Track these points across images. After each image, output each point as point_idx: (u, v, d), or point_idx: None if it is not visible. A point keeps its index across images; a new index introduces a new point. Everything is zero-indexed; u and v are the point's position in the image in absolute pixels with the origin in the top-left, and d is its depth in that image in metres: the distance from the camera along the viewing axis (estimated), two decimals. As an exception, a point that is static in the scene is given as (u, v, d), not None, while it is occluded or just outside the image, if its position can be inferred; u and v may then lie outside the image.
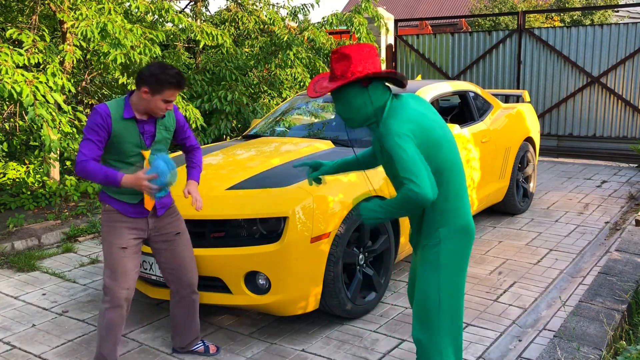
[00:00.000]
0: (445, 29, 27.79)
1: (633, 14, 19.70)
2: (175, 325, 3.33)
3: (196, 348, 3.38)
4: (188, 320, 3.30)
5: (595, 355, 2.88)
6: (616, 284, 3.74)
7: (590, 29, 8.63)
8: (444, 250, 2.42)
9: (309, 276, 3.40)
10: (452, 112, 6.25)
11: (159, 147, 3.01)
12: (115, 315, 3.00)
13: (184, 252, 3.18)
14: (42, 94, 5.11)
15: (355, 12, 8.52)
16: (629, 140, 8.55)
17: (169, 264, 3.16)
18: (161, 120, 3.00)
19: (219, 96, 7.64)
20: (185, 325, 3.31)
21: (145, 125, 2.94)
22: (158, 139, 2.99)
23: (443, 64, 9.97)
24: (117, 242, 2.97)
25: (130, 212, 2.98)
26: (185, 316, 3.28)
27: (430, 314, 2.45)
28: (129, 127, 2.90)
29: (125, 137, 2.89)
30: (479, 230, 5.61)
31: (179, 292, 3.23)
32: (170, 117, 3.06)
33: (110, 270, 2.98)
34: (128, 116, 2.88)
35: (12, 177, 6.86)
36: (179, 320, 3.30)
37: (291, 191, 3.50)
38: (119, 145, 2.90)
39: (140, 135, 2.93)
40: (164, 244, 3.13)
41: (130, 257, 2.99)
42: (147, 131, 2.95)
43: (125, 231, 2.98)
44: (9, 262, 5.02)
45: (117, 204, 2.97)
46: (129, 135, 2.90)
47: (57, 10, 6.20)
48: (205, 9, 9.34)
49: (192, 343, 3.37)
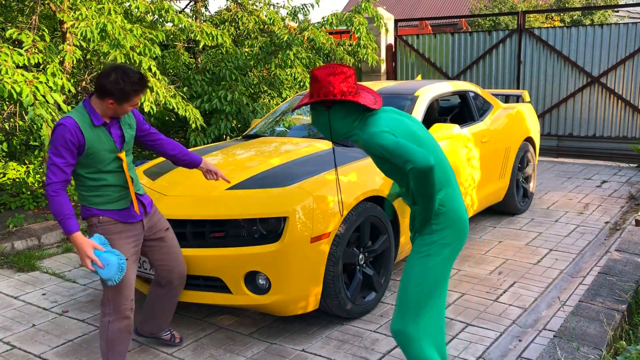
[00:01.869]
0: (445, 29, 27.80)
1: (633, 14, 19.70)
2: (153, 315, 3.36)
3: (164, 335, 3.47)
4: (167, 310, 3.36)
5: (595, 355, 2.88)
6: (616, 284, 3.74)
7: (590, 29, 8.63)
8: (436, 243, 2.49)
9: (309, 276, 3.40)
10: (452, 112, 6.25)
11: (128, 147, 2.96)
12: (122, 326, 2.96)
13: (175, 246, 3.23)
14: (42, 94, 5.11)
15: (355, 12, 8.52)
16: (629, 140, 8.55)
17: (164, 260, 3.18)
18: (123, 119, 2.93)
19: (219, 96, 7.63)
20: (163, 314, 3.36)
21: (112, 129, 2.86)
22: (127, 139, 2.94)
23: (443, 64, 9.97)
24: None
25: (128, 217, 2.94)
26: (165, 305, 3.33)
27: (408, 305, 2.49)
28: (100, 135, 2.80)
29: (98, 145, 2.78)
30: (479, 230, 5.61)
31: (171, 283, 3.25)
32: (129, 114, 2.99)
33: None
34: (99, 123, 2.77)
35: (12, 177, 6.86)
36: (158, 307, 3.32)
37: (291, 191, 3.50)
38: (96, 155, 2.78)
39: (113, 140, 2.85)
40: (157, 242, 3.14)
41: (131, 268, 2.98)
42: (115, 134, 2.87)
43: (124, 242, 2.93)
44: (9, 262, 5.02)
45: (112, 214, 2.89)
46: (101, 142, 2.79)
47: (57, 10, 6.20)
48: (205, 9, 9.34)
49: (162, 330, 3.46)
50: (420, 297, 2.49)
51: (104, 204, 2.87)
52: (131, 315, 2.98)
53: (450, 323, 3.71)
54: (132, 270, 2.98)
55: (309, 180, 3.62)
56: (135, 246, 3.00)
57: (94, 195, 2.86)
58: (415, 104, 4.74)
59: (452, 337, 3.53)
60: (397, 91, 4.98)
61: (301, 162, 4.00)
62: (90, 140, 2.75)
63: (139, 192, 3.02)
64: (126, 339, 3.00)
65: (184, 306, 4.09)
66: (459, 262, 4.75)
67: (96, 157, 2.79)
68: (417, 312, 2.50)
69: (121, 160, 2.89)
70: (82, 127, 2.72)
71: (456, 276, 4.46)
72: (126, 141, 2.94)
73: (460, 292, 4.17)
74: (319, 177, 3.68)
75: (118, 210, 2.91)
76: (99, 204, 2.87)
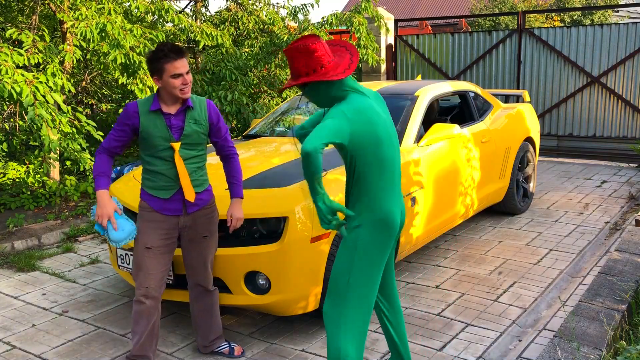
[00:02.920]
0: (445, 29, 27.79)
1: (633, 14, 19.70)
2: (194, 323, 3.33)
3: (220, 349, 3.35)
4: (208, 317, 3.28)
5: (595, 355, 2.88)
6: (616, 284, 3.74)
7: (590, 29, 8.63)
8: (361, 236, 2.52)
9: (309, 276, 3.40)
10: (452, 112, 6.25)
11: (190, 141, 2.99)
12: (137, 308, 3.06)
13: (207, 255, 3.17)
14: (42, 94, 5.11)
15: (355, 12, 8.52)
16: (629, 140, 8.55)
17: (190, 263, 3.16)
18: (191, 112, 2.99)
19: (219, 96, 7.63)
20: (205, 321, 3.29)
21: (172, 119, 2.95)
22: (187, 132, 2.97)
23: (443, 64, 9.97)
24: (143, 241, 3.00)
25: (164, 209, 3.00)
26: (204, 312, 3.27)
27: (338, 292, 2.54)
28: (156, 121, 2.93)
29: (153, 130, 2.93)
30: (479, 230, 5.61)
31: (196, 288, 3.24)
32: (201, 110, 3.04)
33: (135, 266, 3.04)
34: (154, 108, 2.92)
35: (12, 177, 6.86)
36: (196, 317, 3.29)
37: (291, 191, 3.50)
38: (149, 139, 2.94)
39: (168, 129, 2.94)
40: (190, 244, 3.13)
41: (155, 258, 3.00)
42: (175, 124, 2.95)
43: (154, 231, 3.00)
44: (9, 262, 5.02)
45: (152, 201, 3.01)
46: (156, 129, 2.93)
47: (57, 10, 6.20)
48: (205, 9, 9.34)
49: (215, 343, 3.35)
50: (347, 287, 2.53)
51: (149, 188, 3.02)
52: (145, 302, 3.03)
53: (450, 323, 3.71)
54: (155, 260, 3.01)
55: (309, 180, 3.61)
56: (167, 239, 3.03)
57: (145, 177, 3.04)
58: (415, 104, 4.74)
59: (452, 337, 3.53)
60: (397, 91, 4.98)
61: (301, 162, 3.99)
62: (145, 123, 2.93)
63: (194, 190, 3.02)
64: (141, 323, 3.06)
65: (185, 306, 4.10)
66: (459, 262, 4.75)
67: (150, 141, 2.94)
68: (344, 302, 2.53)
69: (174, 150, 2.95)
70: (140, 110, 2.94)
71: (456, 276, 4.47)
72: (185, 134, 2.97)
73: (460, 292, 4.17)
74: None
75: (158, 198, 2.99)
76: (146, 187, 3.04)
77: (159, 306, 3.10)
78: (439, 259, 4.85)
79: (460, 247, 5.12)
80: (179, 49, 2.88)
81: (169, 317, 3.92)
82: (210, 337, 3.32)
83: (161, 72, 2.86)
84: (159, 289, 3.05)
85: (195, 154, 3.03)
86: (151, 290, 3.03)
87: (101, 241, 5.67)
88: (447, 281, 4.37)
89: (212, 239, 3.18)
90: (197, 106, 3.03)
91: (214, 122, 3.10)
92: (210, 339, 3.33)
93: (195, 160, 3.05)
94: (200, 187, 3.08)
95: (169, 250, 3.06)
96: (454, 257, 4.89)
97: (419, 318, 3.78)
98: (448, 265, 4.71)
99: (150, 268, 3.01)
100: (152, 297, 3.04)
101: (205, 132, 3.06)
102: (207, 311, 3.27)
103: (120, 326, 3.81)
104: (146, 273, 3.01)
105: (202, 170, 3.10)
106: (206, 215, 3.12)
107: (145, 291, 3.02)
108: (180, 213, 3.04)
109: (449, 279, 4.42)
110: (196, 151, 3.04)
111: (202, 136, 3.05)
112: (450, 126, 4.42)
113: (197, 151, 3.04)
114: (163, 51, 2.85)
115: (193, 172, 3.03)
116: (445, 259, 4.84)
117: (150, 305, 3.05)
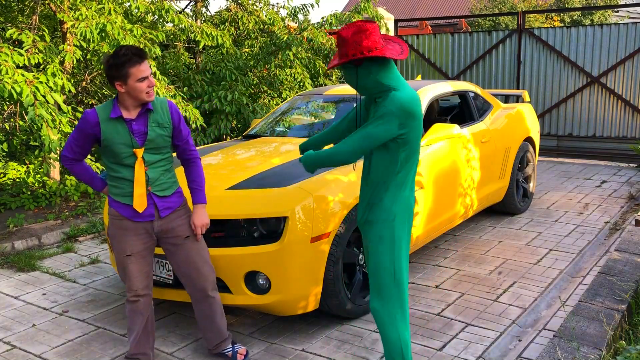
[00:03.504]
0: (445, 29, 27.79)
1: (633, 14, 19.71)
2: (199, 326, 3.31)
3: (225, 351, 3.32)
4: (208, 322, 3.25)
5: (595, 355, 2.88)
6: (616, 284, 3.74)
7: (590, 29, 8.64)
8: (398, 226, 2.65)
9: (309, 276, 3.40)
10: (452, 112, 6.25)
11: (154, 146, 2.91)
12: (131, 307, 3.09)
13: (194, 257, 3.10)
14: (42, 94, 5.11)
15: (355, 12, 8.53)
16: (629, 140, 8.55)
17: (180, 267, 3.12)
18: (152, 115, 2.89)
19: (219, 96, 7.64)
20: (206, 326, 3.26)
21: (134, 124, 2.86)
22: (151, 137, 2.89)
23: (443, 64, 9.97)
24: (122, 250, 2.99)
25: (135, 215, 2.95)
26: (203, 318, 3.24)
27: (386, 287, 2.69)
28: (118, 128, 2.84)
29: (115, 138, 2.84)
30: (479, 230, 5.61)
31: (193, 295, 3.20)
32: (164, 112, 2.94)
33: (120, 271, 3.06)
34: (114, 116, 2.82)
35: (12, 177, 6.86)
36: (199, 320, 3.27)
37: (291, 191, 3.50)
38: (112, 147, 2.85)
39: (131, 135, 2.85)
40: (173, 247, 3.08)
41: (137, 263, 3.00)
42: (137, 130, 2.86)
43: (130, 239, 2.97)
44: (9, 262, 5.02)
45: (121, 208, 2.95)
46: (118, 135, 2.84)
47: (57, 10, 6.20)
48: (205, 9, 9.34)
49: (221, 345, 3.31)
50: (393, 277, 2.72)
51: (117, 195, 2.96)
52: (138, 299, 3.06)
53: (450, 323, 3.71)
54: (138, 265, 3.00)
55: (309, 180, 3.62)
56: (144, 243, 3.01)
57: (112, 185, 2.98)
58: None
59: (452, 337, 3.53)
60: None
61: (301, 162, 3.99)
62: (107, 131, 2.85)
63: (157, 194, 2.96)
64: (136, 320, 3.10)
65: (185, 306, 4.10)
66: (458, 262, 4.75)
67: (113, 148, 2.87)
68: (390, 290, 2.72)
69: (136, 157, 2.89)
70: (100, 118, 2.85)
71: (456, 276, 4.47)
72: (149, 139, 2.89)
73: (460, 292, 4.17)
74: (319, 177, 3.69)
75: (126, 205, 2.95)
76: (113, 195, 2.98)
77: (151, 302, 3.12)
78: (439, 259, 4.85)
79: (460, 247, 5.12)
80: (141, 51, 2.79)
81: (169, 317, 3.92)
82: (214, 342, 3.29)
83: (126, 77, 2.75)
84: (147, 287, 3.08)
85: (160, 157, 2.95)
86: (140, 290, 3.05)
87: (101, 241, 5.68)
88: (447, 281, 4.38)
89: (195, 239, 3.10)
90: (158, 108, 2.92)
91: (176, 124, 2.98)
92: (214, 343, 3.30)
93: (161, 163, 2.97)
94: (169, 190, 3.01)
95: (149, 252, 3.04)
96: (454, 257, 4.89)
97: (419, 318, 3.78)
98: (448, 265, 4.71)
99: (135, 272, 3.02)
100: (143, 295, 3.07)
101: (170, 134, 2.96)
102: (208, 316, 3.23)
103: (120, 326, 3.81)
104: (132, 277, 3.02)
105: (170, 173, 3.02)
106: (181, 217, 3.06)
107: (135, 292, 3.05)
108: (153, 218, 2.98)
109: (448, 278, 4.42)
110: (161, 155, 2.96)
111: (167, 139, 2.95)
112: (450, 126, 4.43)
113: (162, 155, 2.96)
114: (127, 55, 2.74)
115: (160, 175, 2.96)
116: (445, 259, 4.84)
117: (143, 302, 3.08)
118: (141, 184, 2.90)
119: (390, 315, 2.69)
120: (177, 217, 3.05)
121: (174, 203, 3.04)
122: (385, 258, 2.67)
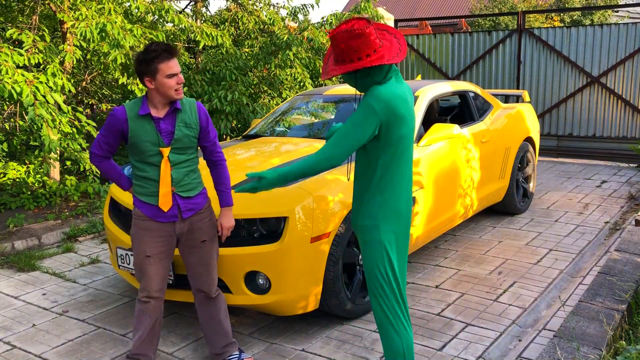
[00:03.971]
0: (445, 29, 27.79)
1: (633, 14, 19.71)
2: (204, 330, 3.26)
3: (231, 358, 3.24)
4: (214, 323, 3.21)
5: (595, 355, 2.88)
6: (616, 284, 3.74)
7: (590, 29, 8.64)
8: (383, 230, 2.58)
9: (309, 276, 3.40)
10: (452, 112, 6.25)
11: (180, 145, 2.91)
12: (141, 307, 3.07)
13: (208, 261, 3.10)
14: (42, 94, 5.11)
15: (355, 12, 8.53)
16: (629, 140, 8.55)
17: (192, 269, 3.12)
18: (180, 115, 2.91)
19: (219, 96, 7.64)
20: (212, 328, 3.21)
21: (162, 123, 2.87)
22: (178, 137, 2.89)
23: (443, 64, 9.97)
24: (141, 250, 2.98)
25: (158, 215, 2.95)
26: (209, 318, 3.21)
27: (377, 287, 2.65)
28: (145, 125, 2.85)
29: (142, 135, 2.85)
30: (479, 230, 5.61)
31: (199, 295, 3.19)
32: (192, 112, 2.95)
33: (137, 270, 3.04)
34: (143, 113, 2.84)
35: (12, 177, 6.86)
36: (204, 323, 3.23)
37: (291, 191, 3.50)
38: (138, 145, 2.86)
39: (158, 133, 2.86)
40: (189, 249, 3.07)
41: (155, 264, 2.99)
42: (164, 129, 2.87)
43: (150, 239, 2.96)
44: (9, 262, 5.02)
45: (144, 208, 2.95)
46: (145, 133, 2.85)
47: (57, 10, 6.21)
48: (205, 9, 9.35)
49: (227, 351, 3.23)
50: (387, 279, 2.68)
51: (141, 195, 2.96)
52: (149, 301, 3.04)
53: (450, 323, 3.71)
54: (155, 266, 2.99)
55: (309, 180, 3.62)
56: (164, 246, 2.99)
57: (137, 184, 2.98)
58: (415, 104, 4.74)
59: (452, 337, 3.53)
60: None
61: (301, 162, 3.99)
62: (134, 128, 2.86)
63: (181, 194, 2.95)
64: (144, 321, 3.07)
65: (185, 306, 4.10)
66: (458, 262, 4.75)
67: (139, 146, 2.87)
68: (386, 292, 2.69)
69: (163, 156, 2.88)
70: (128, 115, 2.86)
71: (456, 276, 4.47)
72: (176, 138, 2.89)
73: (460, 292, 4.18)
74: (319, 177, 3.69)
75: (150, 205, 2.94)
76: (138, 194, 2.97)
77: (162, 305, 3.10)
78: (438, 259, 4.85)
79: (460, 247, 5.12)
80: (172, 48, 2.82)
81: (169, 317, 3.92)
82: (220, 344, 3.22)
83: (155, 73, 2.77)
84: (161, 290, 3.06)
85: (186, 157, 2.96)
86: (154, 292, 3.04)
87: (101, 241, 5.68)
88: (447, 281, 4.38)
89: (211, 243, 3.10)
90: (186, 108, 2.93)
91: (204, 125, 2.99)
92: (219, 346, 3.22)
93: (187, 164, 2.97)
94: (194, 191, 3.01)
95: (168, 255, 3.04)
96: (454, 257, 4.89)
97: (419, 318, 3.78)
98: (448, 265, 4.71)
99: (152, 274, 3.01)
100: (156, 297, 3.05)
101: (196, 135, 2.96)
102: (212, 318, 3.21)
103: (120, 326, 3.81)
104: (148, 278, 3.01)
105: (195, 174, 3.02)
106: (203, 220, 3.05)
107: (148, 293, 3.04)
108: (176, 219, 2.98)
109: (448, 278, 4.42)
110: (187, 155, 2.96)
111: (193, 140, 2.96)
112: (450, 126, 4.43)
113: (187, 155, 2.96)
114: (156, 51, 2.77)
115: (185, 176, 2.96)
116: (445, 259, 4.84)
117: (154, 304, 3.06)
118: (167, 183, 2.91)
119: (387, 316, 2.68)
120: (199, 219, 3.04)
121: (198, 204, 3.03)
122: (372, 262, 2.62)
